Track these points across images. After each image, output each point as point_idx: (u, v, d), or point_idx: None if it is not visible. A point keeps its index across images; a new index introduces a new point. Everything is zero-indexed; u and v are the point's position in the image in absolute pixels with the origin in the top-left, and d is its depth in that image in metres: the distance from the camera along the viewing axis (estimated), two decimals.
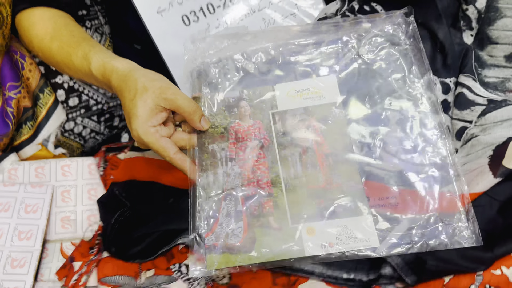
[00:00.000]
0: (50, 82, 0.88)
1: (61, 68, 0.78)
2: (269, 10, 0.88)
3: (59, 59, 0.74)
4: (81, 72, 0.71)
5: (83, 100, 0.94)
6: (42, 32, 0.76)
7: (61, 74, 0.89)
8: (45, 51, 0.76)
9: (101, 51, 0.69)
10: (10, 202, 0.81)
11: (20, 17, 0.79)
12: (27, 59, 0.83)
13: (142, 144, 0.60)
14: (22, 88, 0.83)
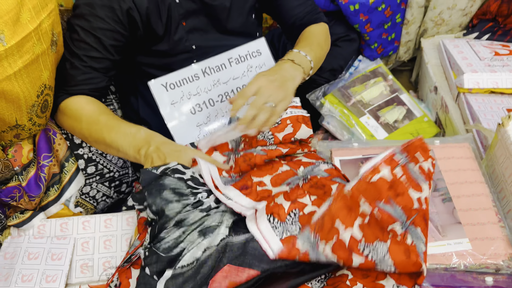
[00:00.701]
0: (74, 153, 1.09)
1: (102, 135, 0.94)
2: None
3: (105, 128, 0.94)
4: (125, 134, 0.92)
5: (98, 168, 1.15)
6: (91, 110, 0.97)
7: (82, 147, 1.10)
8: (92, 124, 0.95)
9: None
10: (39, 252, 0.98)
11: (67, 102, 0.99)
12: (58, 135, 1.05)
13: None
14: (53, 157, 1.03)
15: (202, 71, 1.09)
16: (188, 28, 1.08)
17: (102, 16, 0.95)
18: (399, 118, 1.38)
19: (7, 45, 0.78)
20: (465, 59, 1.39)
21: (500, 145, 0.94)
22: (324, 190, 0.83)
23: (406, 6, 1.54)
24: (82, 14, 0.95)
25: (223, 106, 1.13)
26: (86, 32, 0.96)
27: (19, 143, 0.97)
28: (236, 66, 1.13)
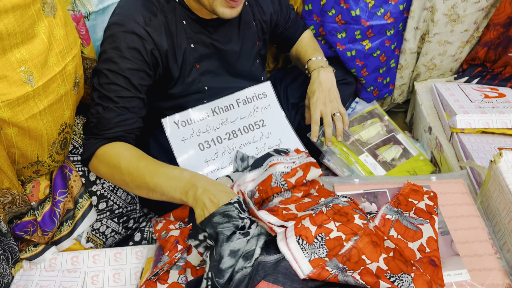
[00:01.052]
0: (88, 190, 1.13)
1: (144, 181, 0.94)
2: (262, 142, 1.22)
3: (147, 173, 0.94)
4: (169, 177, 0.93)
5: (109, 204, 1.19)
6: (129, 157, 0.98)
7: (96, 184, 1.15)
8: (133, 170, 0.95)
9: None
10: (50, 285, 1.01)
11: (104, 149, 0.99)
12: (73, 172, 1.10)
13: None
14: (68, 194, 1.08)
15: (212, 110, 1.16)
16: (201, 70, 1.15)
17: (129, 57, 1.00)
18: (396, 156, 1.44)
19: (35, 86, 0.84)
20: (457, 101, 1.47)
21: (493, 181, 1.00)
22: (347, 218, 0.88)
23: (399, 52, 1.64)
24: (110, 58, 1.00)
25: (230, 144, 1.19)
26: (115, 74, 1.00)
27: (37, 179, 1.02)
28: (243, 106, 1.20)
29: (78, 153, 1.12)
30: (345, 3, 1.45)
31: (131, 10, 1.04)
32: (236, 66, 1.23)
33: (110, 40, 1.02)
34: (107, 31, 1.04)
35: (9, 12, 0.76)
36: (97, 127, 1.01)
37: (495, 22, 1.50)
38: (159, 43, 1.04)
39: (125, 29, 1.01)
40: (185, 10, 1.10)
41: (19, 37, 0.80)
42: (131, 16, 1.02)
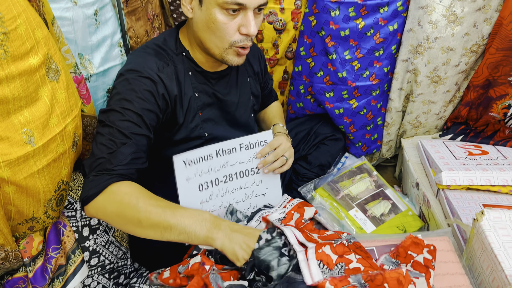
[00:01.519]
0: (81, 246, 1.15)
1: (164, 218, 0.94)
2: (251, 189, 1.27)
3: (168, 211, 0.96)
4: (193, 215, 0.97)
5: (101, 260, 1.19)
6: (148, 195, 0.99)
7: (89, 239, 1.16)
8: (152, 207, 0.95)
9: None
10: None
11: (119, 185, 0.97)
12: (67, 228, 1.12)
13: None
14: (61, 249, 1.09)
15: (216, 151, 1.20)
16: (203, 118, 1.22)
17: (143, 98, 1.05)
18: (385, 211, 1.47)
19: (35, 146, 0.88)
20: (442, 158, 1.53)
21: (477, 239, 1.03)
22: (367, 254, 0.93)
23: (385, 110, 1.72)
24: (125, 97, 1.05)
25: (225, 187, 1.23)
26: (130, 111, 1.03)
27: (31, 235, 1.03)
28: (245, 151, 1.25)
29: (73, 208, 1.14)
30: (332, 66, 1.54)
31: (145, 59, 1.12)
32: (235, 116, 1.31)
33: (125, 83, 1.07)
34: (122, 76, 1.09)
35: (16, 78, 0.81)
36: (110, 162, 0.99)
37: (475, 84, 1.59)
38: (170, 88, 1.12)
39: (140, 74, 1.07)
40: (191, 62, 1.19)
41: (23, 101, 0.85)
42: (146, 64, 1.10)
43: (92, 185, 0.98)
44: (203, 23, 1.09)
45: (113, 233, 1.25)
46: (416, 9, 1.45)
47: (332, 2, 1.43)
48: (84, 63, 1.14)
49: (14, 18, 0.80)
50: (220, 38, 1.09)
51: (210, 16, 1.06)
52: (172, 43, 1.19)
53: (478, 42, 1.49)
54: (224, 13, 1.05)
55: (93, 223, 1.19)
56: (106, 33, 1.18)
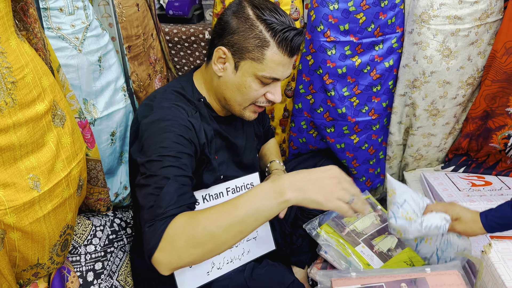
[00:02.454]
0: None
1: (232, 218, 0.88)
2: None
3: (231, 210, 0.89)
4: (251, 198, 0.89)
5: None
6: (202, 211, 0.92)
7: (93, 284, 1.15)
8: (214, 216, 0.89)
9: None
10: None
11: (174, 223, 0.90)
12: (71, 273, 1.11)
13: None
14: None
15: (202, 197, 1.21)
16: (219, 161, 1.24)
17: (179, 142, 1.04)
18: (392, 246, 1.45)
19: (41, 192, 0.89)
20: (445, 190, 1.52)
21: (487, 272, 1.01)
22: None
23: (386, 144, 1.73)
24: (162, 145, 1.02)
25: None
26: (170, 157, 1.00)
27: (35, 281, 1.02)
28: (231, 195, 1.26)
29: (77, 253, 1.14)
30: (332, 102, 1.56)
31: (172, 105, 1.11)
32: (243, 158, 1.33)
33: (160, 131, 1.05)
34: (153, 125, 1.07)
35: (23, 125, 0.83)
36: (159, 205, 0.94)
37: (473, 116, 1.61)
38: (199, 135, 1.12)
39: (173, 121, 1.06)
40: (208, 108, 1.21)
41: (29, 147, 0.86)
42: (175, 110, 1.10)
43: (150, 237, 0.92)
44: (234, 85, 1.14)
45: (117, 277, 1.24)
46: (410, 45, 1.49)
47: (328, 42, 1.47)
48: (88, 107, 1.17)
49: (22, 68, 0.83)
50: (245, 100, 1.16)
51: (245, 82, 1.12)
52: (190, 89, 1.21)
53: (474, 75, 1.53)
54: (258, 82, 1.12)
55: (97, 267, 1.18)
56: (110, 78, 1.21)
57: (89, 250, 1.18)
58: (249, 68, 1.10)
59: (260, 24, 1.07)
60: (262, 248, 1.33)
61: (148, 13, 1.48)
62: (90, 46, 1.12)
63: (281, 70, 1.11)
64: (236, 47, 1.10)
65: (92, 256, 1.18)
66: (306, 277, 1.59)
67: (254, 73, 1.10)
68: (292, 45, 1.08)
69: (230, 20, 1.10)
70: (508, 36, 1.41)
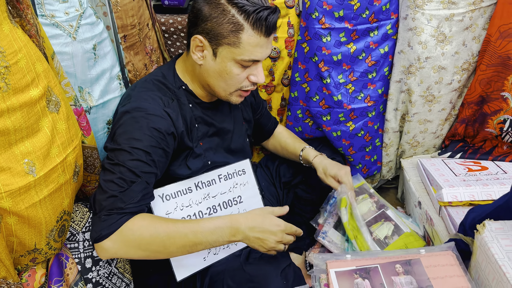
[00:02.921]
0: (84, 277, 1.14)
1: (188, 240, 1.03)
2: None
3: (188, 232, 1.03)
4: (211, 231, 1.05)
5: None
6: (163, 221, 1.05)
7: (92, 271, 1.16)
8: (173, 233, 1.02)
9: None
10: None
11: (134, 221, 1.01)
12: (70, 260, 1.12)
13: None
14: (64, 281, 1.09)
15: (195, 184, 1.22)
16: (204, 147, 1.25)
17: (151, 135, 1.07)
18: (389, 233, 1.46)
19: (36, 176, 0.90)
20: (442, 175, 1.53)
21: (480, 252, 1.02)
22: None
23: (383, 131, 1.74)
24: (133, 136, 1.06)
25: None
26: (139, 150, 1.05)
27: (34, 267, 1.03)
28: (224, 182, 1.28)
29: (75, 240, 1.15)
30: (327, 90, 1.57)
31: (150, 96, 1.14)
32: (230, 143, 1.33)
33: (132, 122, 1.09)
34: (127, 114, 1.10)
35: (17, 110, 0.84)
36: (122, 200, 1.02)
37: (469, 101, 1.61)
38: (176, 124, 1.14)
39: (147, 112, 1.09)
40: (190, 95, 1.22)
41: (24, 132, 0.87)
42: (151, 101, 1.12)
43: (104, 225, 1.00)
44: (215, 72, 1.14)
45: (115, 264, 1.25)
46: (405, 31, 1.49)
47: (323, 29, 1.47)
48: (84, 95, 1.17)
49: (15, 53, 0.83)
50: (229, 85, 1.16)
51: (225, 68, 1.12)
52: (171, 78, 1.22)
53: (469, 60, 1.53)
54: (239, 66, 1.12)
55: (96, 254, 1.19)
56: (105, 67, 1.22)
57: (88, 237, 1.19)
58: (227, 53, 1.10)
59: (232, 8, 1.06)
60: None
61: (143, 3, 1.48)
62: (84, 34, 1.12)
63: (260, 51, 1.11)
64: (212, 34, 1.09)
65: (90, 243, 1.19)
66: (304, 263, 1.60)
67: (233, 57, 1.10)
68: (267, 24, 1.08)
69: (202, 7, 1.10)
70: (502, 19, 1.42)
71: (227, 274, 1.11)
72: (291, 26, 1.56)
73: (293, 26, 1.56)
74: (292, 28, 1.56)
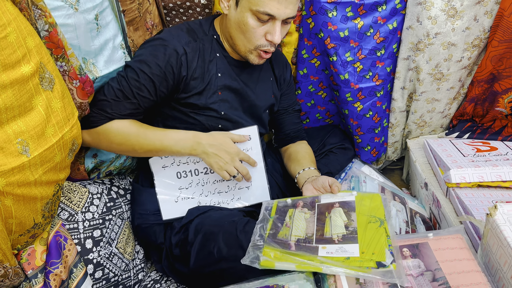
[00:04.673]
0: (84, 258, 1.12)
1: (154, 146, 1.18)
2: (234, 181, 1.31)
3: (156, 139, 1.18)
4: (176, 140, 1.18)
5: (105, 273, 1.16)
6: (136, 127, 1.18)
7: (93, 251, 1.13)
8: (141, 138, 1.17)
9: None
10: None
11: (111, 124, 1.15)
12: (68, 241, 1.09)
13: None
14: (61, 264, 1.06)
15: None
16: (222, 97, 1.27)
17: (161, 65, 1.16)
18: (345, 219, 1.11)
19: (30, 156, 0.86)
20: (449, 156, 1.49)
21: (491, 235, 0.99)
22: None
23: (389, 111, 1.69)
24: (145, 60, 1.16)
25: (205, 178, 1.28)
26: (145, 75, 1.16)
27: (32, 246, 1.00)
28: None
29: (74, 220, 1.12)
30: (334, 68, 1.52)
31: (177, 33, 1.22)
32: (251, 106, 1.35)
33: (151, 49, 1.18)
34: (150, 42, 1.21)
35: (8, 87, 0.80)
36: (111, 108, 1.15)
37: (479, 79, 1.56)
38: (191, 61, 1.20)
39: (166, 44, 1.18)
40: (219, 46, 1.28)
41: (16, 111, 0.83)
42: (176, 37, 1.20)
43: (91, 120, 1.15)
44: (236, 23, 1.18)
45: (116, 244, 1.23)
46: (414, 5, 1.43)
47: (329, 3, 1.41)
48: (88, 66, 1.14)
49: (4, 26, 0.79)
50: (248, 39, 1.19)
51: (243, 18, 1.16)
52: (207, 27, 1.28)
53: (480, 36, 1.47)
54: (255, 19, 1.15)
55: (96, 235, 1.17)
56: (107, 37, 1.18)
57: (88, 217, 1.16)
58: (246, 3, 1.14)
59: None
60: (255, 197, 1.33)
61: None
62: (86, 4, 1.07)
63: (276, 6, 1.12)
64: None
65: (90, 224, 1.16)
66: None
67: (250, 7, 1.13)
68: None
69: None
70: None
71: (221, 236, 1.10)
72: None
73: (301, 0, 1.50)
74: (300, 1, 1.50)
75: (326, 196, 1.21)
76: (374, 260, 0.96)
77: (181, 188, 1.28)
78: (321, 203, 1.18)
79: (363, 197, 1.17)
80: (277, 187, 1.51)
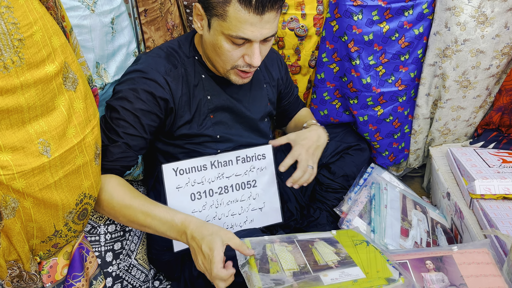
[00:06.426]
0: (103, 271, 1.11)
1: (137, 219, 1.02)
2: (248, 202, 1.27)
3: (139, 213, 1.02)
4: (162, 222, 1.01)
5: (123, 285, 1.16)
6: (122, 193, 1.05)
7: (112, 264, 1.13)
8: (125, 208, 1.03)
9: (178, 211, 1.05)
10: None
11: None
12: (90, 253, 1.08)
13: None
14: (83, 277, 1.05)
15: (211, 163, 1.19)
16: (215, 120, 1.21)
17: (143, 99, 1.08)
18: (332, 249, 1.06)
19: (51, 157, 0.86)
20: (474, 166, 1.45)
21: None
22: None
23: (413, 118, 1.65)
24: (126, 96, 1.08)
25: (219, 199, 1.22)
26: (127, 111, 1.08)
27: (55, 259, 0.99)
28: (241, 164, 1.24)
29: (96, 233, 1.12)
30: (356, 72, 1.49)
31: (155, 61, 1.14)
32: (248, 120, 1.29)
33: (130, 82, 1.10)
34: (128, 74, 1.12)
35: (31, 86, 0.79)
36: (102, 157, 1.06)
37: (507, 88, 1.51)
38: (175, 90, 1.13)
39: (146, 76, 1.10)
40: (202, 67, 1.20)
41: (38, 110, 0.82)
42: (154, 66, 1.12)
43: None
44: (210, 45, 1.10)
45: (135, 256, 1.22)
46: (442, 11, 1.39)
47: (355, 6, 1.38)
48: (100, 72, 1.13)
49: (30, 25, 0.78)
50: (224, 61, 1.11)
51: (217, 42, 1.07)
52: (187, 47, 1.20)
53: (510, 44, 1.42)
54: (229, 42, 1.06)
55: (116, 247, 1.16)
56: (122, 42, 1.17)
57: (109, 230, 1.15)
58: (217, 26, 1.04)
59: None
60: (267, 219, 1.30)
61: None
62: (103, 7, 1.06)
63: (250, 30, 1.01)
64: (206, 3, 1.04)
65: (112, 236, 1.15)
66: None
67: (221, 31, 1.04)
68: (257, 1, 0.98)
69: None
70: None
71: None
72: (321, 2, 1.47)
73: (322, 3, 1.47)
74: (322, 4, 1.48)
75: (302, 234, 1.12)
76: (383, 277, 0.94)
77: (195, 211, 1.19)
78: (300, 240, 1.08)
79: (340, 233, 1.15)
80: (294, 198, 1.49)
